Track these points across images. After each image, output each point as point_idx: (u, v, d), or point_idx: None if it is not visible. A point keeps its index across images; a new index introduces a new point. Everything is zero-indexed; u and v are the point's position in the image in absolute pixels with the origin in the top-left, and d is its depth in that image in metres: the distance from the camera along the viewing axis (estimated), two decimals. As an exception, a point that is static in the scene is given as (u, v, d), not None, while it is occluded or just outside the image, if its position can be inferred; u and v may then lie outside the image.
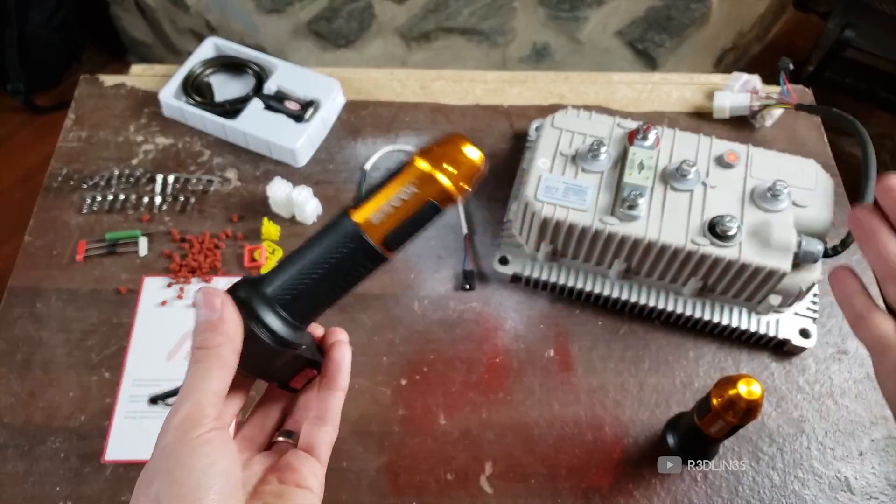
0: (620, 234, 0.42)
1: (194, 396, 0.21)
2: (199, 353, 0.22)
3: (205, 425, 0.20)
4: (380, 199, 0.22)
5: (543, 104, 0.57)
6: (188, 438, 0.20)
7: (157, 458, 0.20)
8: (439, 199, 0.22)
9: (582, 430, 0.42)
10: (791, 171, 0.44)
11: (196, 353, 0.22)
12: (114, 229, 0.49)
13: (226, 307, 0.22)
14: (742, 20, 1.07)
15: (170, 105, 0.54)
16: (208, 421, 0.21)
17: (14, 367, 0.44)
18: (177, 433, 0.20)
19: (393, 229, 0.22)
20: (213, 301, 0.22)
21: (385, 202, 0.22)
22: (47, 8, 1.12)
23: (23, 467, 0.40)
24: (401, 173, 0.22)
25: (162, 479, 0.20)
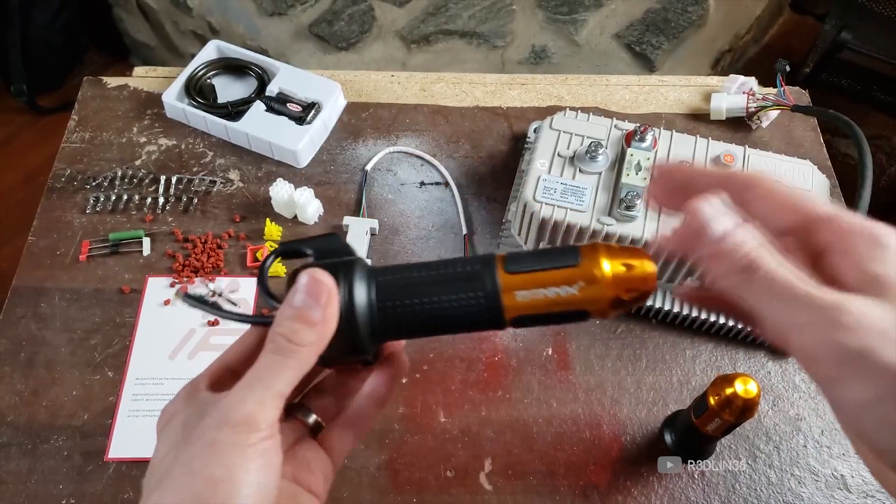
0: (618, 235, 0.42)
1: (259, 394, 0.18)
2: (282, 344, 0.19)
3: (262, 430, 0.18)
4: (538, 280, 0.20)
5: (542, 106, 0.57)
6: (243, 444, 0.18)
7: (203, 451, 0.18)
8: (594, 312, 0.20)
9: (580, 427, 0.42)
10: (787, 172, 0.44)
11: (279, 340, 0.19)
12: (117, 229, 0.50)
13: (330, 306, 0.19)
14: (739, 22, 1.08)
15: (173, 106, 0.55)
16: (265, 427, 0.18)
17: (18, 366, 0.44)
18: (232, 434, 0.18)
19: (532, 315, 0.20)
20: (319, 294, 0.19)
21: (542, 287, 0.19)
22: (50, 10, 1.13)
23: (26, 465, 0.41)
24: (576, 267, 0.19)
25: (204, 481, 0.18)
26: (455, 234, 0.50)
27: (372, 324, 0.20)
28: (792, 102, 0.53)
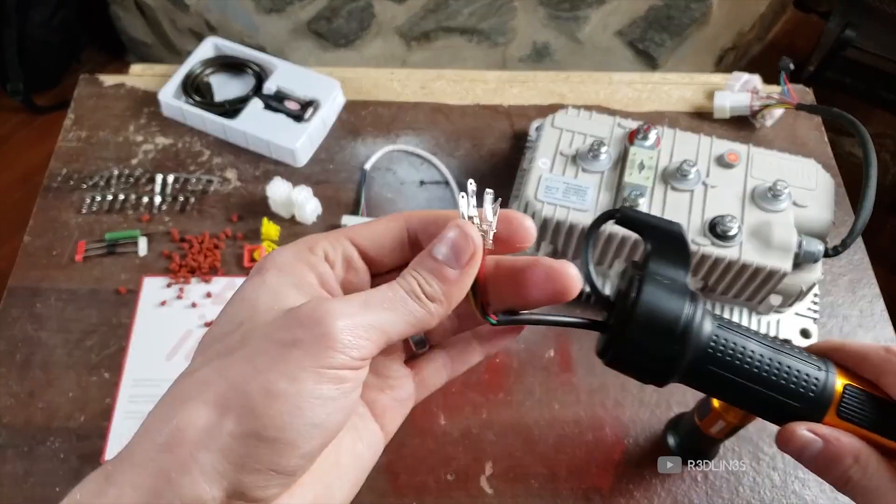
0: (621, 235, 0.41)
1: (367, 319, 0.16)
2: (414, 288, 0.17)
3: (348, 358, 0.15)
4: (865, 434, 0.20)
5: (543, 104, 0.57)
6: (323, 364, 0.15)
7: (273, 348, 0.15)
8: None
9: (582, 430, 0.42)
10: (791, 170, 0.44)
11: (411, 284, 0.17)
12: (113, 229, 0.49)
13: (470, 267, 0.17)
14: (742, 20, 1.07)
15: (169, 105, 0.54)
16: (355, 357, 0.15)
17: (13, 368, 0.44)
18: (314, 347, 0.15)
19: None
20: (462, 253, 0.17)
21: (863, 436, 0.20)
22: (47, 8, 1.12)
23: (22, 468, 0.40)
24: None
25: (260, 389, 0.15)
26: (455, 233, 0.50)
27: (691, 360, 0.20)
28: (796, 101, 0.52)
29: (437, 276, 0.17)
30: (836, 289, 0.48)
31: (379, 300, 0.17)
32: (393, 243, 0.19)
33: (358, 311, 0.16)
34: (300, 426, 0.15)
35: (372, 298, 0.17)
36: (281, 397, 0.15)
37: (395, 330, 0.17)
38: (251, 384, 0.15)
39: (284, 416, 0.15)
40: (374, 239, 0.19)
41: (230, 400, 0.15)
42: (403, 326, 0.17)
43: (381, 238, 0.19)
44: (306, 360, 0.15)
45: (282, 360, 0.15)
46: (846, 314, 0.47)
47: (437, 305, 0.17)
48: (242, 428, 0.15)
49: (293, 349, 0.15)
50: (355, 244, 0.19)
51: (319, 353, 0.15)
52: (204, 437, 0.15)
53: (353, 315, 0.16)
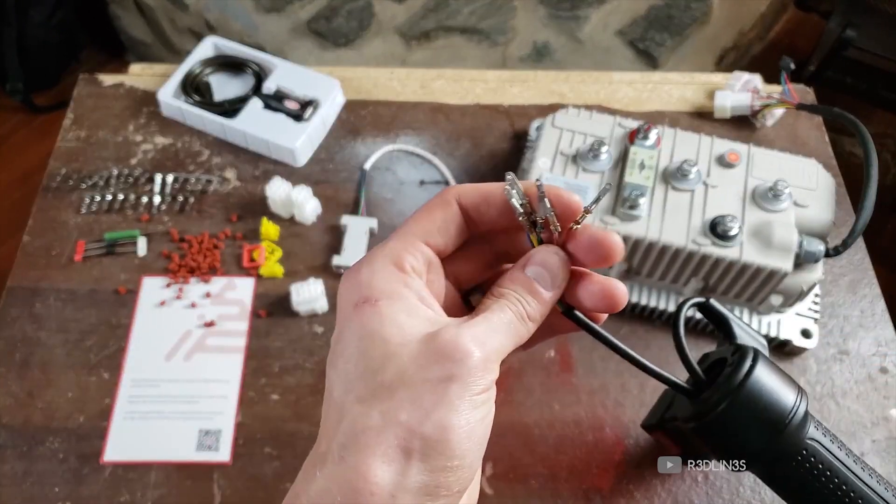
0: (621, 234, 0.41)
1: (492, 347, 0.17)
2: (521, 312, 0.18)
3: (488, 381, 0.17)
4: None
5: (544, 103, 0.56)
6: (473, 393, 0.17)
7: (424, 389, 0.16)
8: None
9: (583, 430, 0.42)
10: (792, 170, 0.44)
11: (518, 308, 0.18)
12: (113, 229, 0.49)
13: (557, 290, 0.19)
14: (743, 19, 1.07)
15: (169, 104, 0.54)
16: (492, 378, 0.17)
17: (13, 368, 0.44)
18: (463, 385, 0.16)
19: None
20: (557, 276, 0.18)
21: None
22: (46, 7, 1.12)
23: (22, 468, 0.40)
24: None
25: (436, 426, 0.16)
26: (455, 233, 0.50)
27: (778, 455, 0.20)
28: (797, 100, 0.52)
29: (537, 298, 0.19)
30: (836, 289, 0.48)
31: (497, 325, 0.18)
32: (456, 230, 0.20)
33: (488, 338, 0.18)
34: (473, 447, 0.17)
35: (492, 324, 0.18)
36: (454, 429, 0.16)
37: (507, 351, 0.18)
38: (426, 425, 0.16)
39: (463, 444, 0.17)
40: (441, 232, 0.20)
41: (411, 444, 0.16)
42: (511, 346, 0.18)
43: (446, 229, 0.20)
44: (462, 391, 0.17)
45: (445, 397, 0.17)
46: (847, 314, 0.47)
47: (533, 324, 0.19)
48: (430, 465, 0.16)
49: (451, 384, 0.17)
50: (428, 244, 0.19)
51: (471, 383, 0.17)
52: (395, 487, 0.16)
53: (485, 343, 0.17)
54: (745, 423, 0.19)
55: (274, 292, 0.47)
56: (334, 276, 0.47)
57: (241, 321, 0.46)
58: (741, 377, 0.20)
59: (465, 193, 0.19)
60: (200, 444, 0.41)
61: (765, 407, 0.19)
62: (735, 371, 0.20)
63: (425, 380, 0.17)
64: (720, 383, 0.20)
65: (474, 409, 0.17)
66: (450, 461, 0.16)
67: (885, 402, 0.43)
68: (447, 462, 0.16)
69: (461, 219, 0.20)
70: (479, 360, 0.17)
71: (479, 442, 0.17)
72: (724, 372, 0.21)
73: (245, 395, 0.43)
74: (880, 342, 0.45)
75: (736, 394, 0.19)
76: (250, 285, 0.47)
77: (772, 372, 0.20)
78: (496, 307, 0.19)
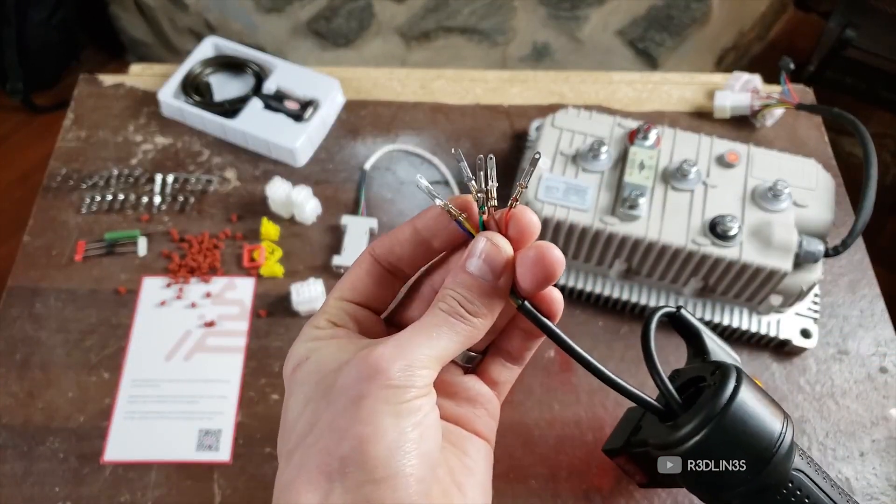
0: (621, 234, 0.41)
1: (417, 352, 0.17)
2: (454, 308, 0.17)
3: (415, 388, 0.17)
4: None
5: (543, 104, 0.56)
6: (395, 401, 0.16)
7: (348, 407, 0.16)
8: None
9: (582, 430, 0.42)
10: (792, 170, 0.44)
11: (451, 304, 0.17)
12: (113, 229, 0.49)
13: (505, 279, 0.18)
14: (743, 19, 1.07)
15: (169, 105, 0.54)
16: (421, 385, 0.17)
17: (13, 368, 0.44)
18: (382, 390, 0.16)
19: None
20: (497, 264, 0.17)
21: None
22: (46, 7, 1.12)
23: (22, 468, 0.40)
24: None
25: (353, 441, 0.16)
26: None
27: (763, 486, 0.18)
28: (796, 100, 0.52)
29: (475, 292, 0.18)
30: (836, 289, 0.48)
31: (425, 330, 0.18)
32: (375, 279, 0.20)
33: (407, 349, 0.17)
34: (401, 456, 0.16)
35: (416, 332, 0.18)
36: (372, 441, 0.16)
37: (447, 352, 0.18)
38: (342, 445, 0.16)
39: (383, 454, 0.16)
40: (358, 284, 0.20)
41: (330, 466, 0.16)
42: (453, 346, 0.18)
43: (363, 281, 0.20)
44: (378, 405, 0.16)
45: (359, 412, 0.16)
46: (846, 314, 0.47)
47: (480, 319, 0.18)
48: (353, 481, 0.16)
49: (364, 399, 0.16)
50: (348, 300, 0.20)
51: (389, 396, 0.16)
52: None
53: (403, 355, 0.17)
54: (728, 452, 0.18)
55: (274, 292, 0.47)
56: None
57: (241, 321, 0.46)
58: (724, 400, 0.18)
59: (377, 244, 0.20)
60: (200, 444, 0.41)
61: (750, 435, 0.17)
62: (717, 393, 0.18)
63: (339, 404, 0.17)
64: (700, 406, 0.18)
65: (399, 418, 0.16)
66: (372, 474, 0.16)
67: (885, 402, 0.43)
68: (370, 476, 0.16)
69: (378, 267, 0.20)
70: (397, 369, 0.16)
71: (410, 450, 0.16)
72: (703, 394, 0.19)
73: (245, 395, 0.43)
74: (880, 342, 0.46)
75: (719, 420, 0.18)
76: (250, 285, 0.47)
77: (757, 395, 0.18)
78: (428, 312, 0.18)
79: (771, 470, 0.18)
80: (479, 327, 0.18)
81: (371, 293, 0.20)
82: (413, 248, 0.20)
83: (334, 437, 0.16)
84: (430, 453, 0.17)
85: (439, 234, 0.19)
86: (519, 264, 0.18)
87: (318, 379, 0.18)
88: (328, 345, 0.19)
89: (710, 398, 0.19)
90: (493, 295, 0.18)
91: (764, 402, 0.19)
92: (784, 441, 0.18)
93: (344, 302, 0.20)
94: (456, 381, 0.20)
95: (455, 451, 0.19)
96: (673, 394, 0.20)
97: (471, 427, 0.20)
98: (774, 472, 0.18)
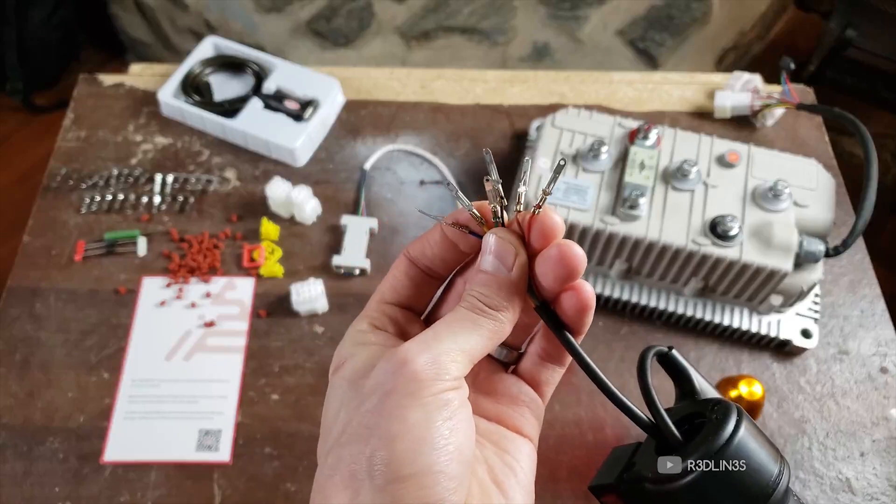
0: (621, 234, 0.41)
1: (447, 345, 0.17)
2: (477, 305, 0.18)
3: (445, 381, 0.16)
4: None
5: (544, 103, 0.56)
6: (424, 394, 0.16)
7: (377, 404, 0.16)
8: None
9: (583, 430, 0.42)
10: (792, 170, 0.44)
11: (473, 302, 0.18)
12: (113, 229, 0.49)
13: (520, 267, 0.18)
14: (743, 19, 1.07)
15: (169, 104, 0.54)
16: (450, 378, 0.16)
17: (13, 368, 0.44)
18: (411, 383, 0.16)
19: None
20: (507, 255, 0.18)
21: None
22: (46, 7, 1.12)
23: (22, 468, 0.40)
24: None
25: (381, 439, 0.16)
26: (455, 233, 0.50)
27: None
28: (797, 100, 0.52)
29: (493, 287, 0.18)
30: (836, 289, 0.48)
31: (449, 326, 0.18)
32: (412, 280, 0.20)
33: (433, 343, 0.17)
34: (430, 452, 0.16)
35: (441, 327, 0.18)
36: (399, 437, 0.16)
37: (474, 346, 0.18)
38: (370, 443, 0.16)
39: (411, 450, 0.16)
40: (397, 286, 0.20)
41: (359, 465, 0.16)
42: (480, 340, 0.18)
43: (402, 282, 0.20)
44: (405, 399, 0.16)
45: (385, 409, 0.16)
46: (847, 314, 0.47)
47: (504, 313, 0.18)
48: (381, 480, 0.16)
49: (389, 397, 0.16)
50: (389, 302, 0.20)
51: (414, 390, 0.16)
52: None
53: (429, 348, 0.17)
54: (726, 489, 0.17)
55: (274, 292, 0.47)
56: (334, 276, 0.47)
57: (241, 321, 0.46)
58: (727, 435, 0.18)
59: (411, 246, 0.20)
60: (200, 444, 0.41)
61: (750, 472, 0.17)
62: (719, 428, 0.18)
63: (368, 402, 0.17)
64: (702, 439, 0.18)
65: (427, 412, 0.16)
66: (401, 469, 0.15)
67: (885, 402, 0.43)
68: (396, 473, 0.15)
69: (415, 269, 0.20)
70: (422, 364, 0.16)
71: (441, 446, 0.16)
72: (703, 429, 0.19)
73: (245, 395, 0.43)
74: (880, 342, 0.45)
75: (721, 453, 0.17)
76: (250, 285, 0.47)
77: (756, 434, 0.18)
78: (451, 312, 0.18)
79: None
80: (502, 321, 0.18)
81: (410, 294, 0.20)
82: (443, 251, 0.20)
83: (363, 436, 0.16)
84: (462, 449, 0.16)
85: (461, 240, 0.20)
86: (541, 262, 0.18)
87: (351, 381, 0.18)
88: (366, 349, 0.19)
89: (711, 432, 0.18)
90: (510, 288, 0.18)
91: (763, 441, 0.18)
92: (781, 483, 0.18)
93: (385, 304, 0.20)
94: (496, 379, 0.20)
95: (496, 450, 0.19)
96: (673, 432, 0.19)
97: (513, 426, 0.20)
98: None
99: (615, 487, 0.21)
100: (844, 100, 1.02)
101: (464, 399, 0.17)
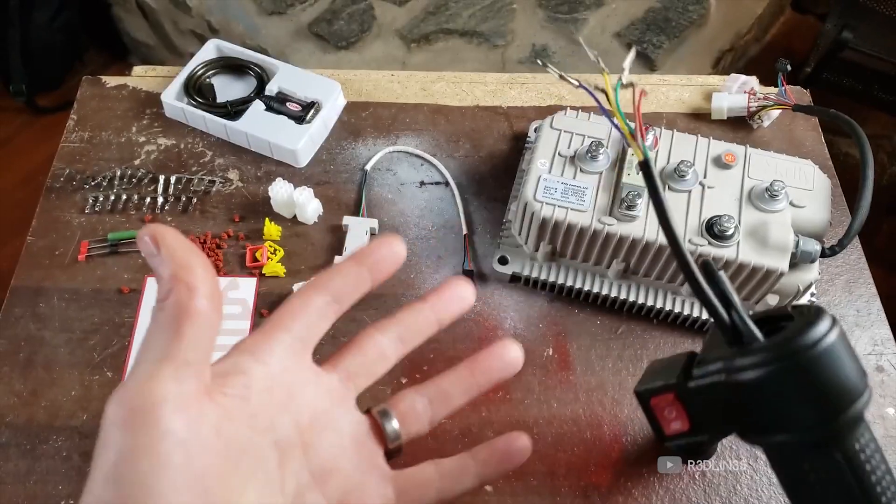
0: (619, 234, 0.42)
1: (149, 367, 0.17)
2: (165, 307, 0.17)
3: (168, 403, 0.16)
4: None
5: (542, 105, 0.57)
6: (141, 427, 0.16)
7: (102, 452, 0.16)
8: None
9: (581, 428, 0.42)
10: (789, 171, 0.44)
11: (159, 305, 0.18)
12: (116, 229, 0.50)
13: (160, 239, 0.18)
14: (740, 22, 1.08)
15: (172, 106, 0.54)
16: (172, 399, 0.16)
17: (16, 367, 0.44)
18: (131, 418, 0.16)
19: None
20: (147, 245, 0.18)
21: None
22: (50, 9, 1.13)
23: (25, 466, 0.40)
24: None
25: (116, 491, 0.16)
26: (455, 234, 0.50)
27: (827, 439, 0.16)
28: (793, 102, 0.53)
29: (177, 278, 0.18)
30: (832, 288, 0.48)
31: (149, 347, 0.18)
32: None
33: (152, 374, 0.17)
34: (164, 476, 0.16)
35: (142, 351, 0.18)
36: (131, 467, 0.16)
37: (190, 354, 0.17)
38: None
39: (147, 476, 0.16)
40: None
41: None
42: (190, 346, 0.18)
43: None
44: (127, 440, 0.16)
45: (114, 449, 0.16)
46: (843, 314, 0.47)
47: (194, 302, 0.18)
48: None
49: (120, 432, 0.16)
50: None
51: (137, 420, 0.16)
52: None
53: (135, 378, 0.17)
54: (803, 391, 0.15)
55: (276, 291, 0.47)
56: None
57: (244, 320, 0.46)
58: (819, 334, 0.16)
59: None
60: (203, 442, 0.41)
61: (834, 380, 0.15)
62: (810, 325, 0.16)
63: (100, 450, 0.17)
64: (790, 333, 0.16)
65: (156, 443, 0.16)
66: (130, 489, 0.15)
67: (882, 401, 0.44)
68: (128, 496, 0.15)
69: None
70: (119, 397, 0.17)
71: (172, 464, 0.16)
72: (792, 323, 0.17)
73: (247, 394, 0.43)
74: (876, 341, 0.46)
75: (809, 350, 0.15)
76: (253, 285, 0.47)
77: (849, 346, 0.16)
78: (146, 334, 0.19)
79: (837, 427, 0.16)
80: (201, 311, 0.18)
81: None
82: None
83: (101, 487, 0.17)
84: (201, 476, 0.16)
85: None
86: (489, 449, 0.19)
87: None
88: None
89: (800, 328, 0.16)
90: (168, 263, 0.18)
91: (853, 356, 0.16)
92: (860, 402, 0.16)
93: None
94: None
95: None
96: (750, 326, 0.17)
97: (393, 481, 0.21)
98: (839, 432, 0.16)
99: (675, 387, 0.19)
100: (841, 101, 1.03)
101: (193, 426, 0.17)
